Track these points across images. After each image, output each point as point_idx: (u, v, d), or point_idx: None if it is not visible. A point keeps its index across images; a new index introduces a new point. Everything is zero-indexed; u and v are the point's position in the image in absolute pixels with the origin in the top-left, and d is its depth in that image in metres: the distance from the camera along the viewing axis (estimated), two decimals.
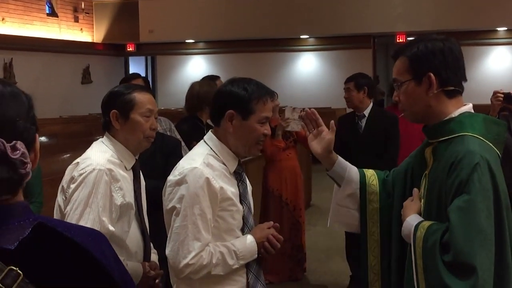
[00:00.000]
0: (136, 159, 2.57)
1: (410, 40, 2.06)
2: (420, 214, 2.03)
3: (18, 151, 1.03)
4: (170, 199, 2.23)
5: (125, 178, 2.47)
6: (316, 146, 2.20)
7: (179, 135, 4.15)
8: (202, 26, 15.51)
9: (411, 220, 1.99)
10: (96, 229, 2.25)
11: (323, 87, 16.19)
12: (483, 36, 14.48)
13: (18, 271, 0.94)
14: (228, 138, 2.30)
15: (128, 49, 17.35)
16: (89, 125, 12.42)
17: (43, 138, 9.97)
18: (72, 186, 2.37)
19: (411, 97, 1.98)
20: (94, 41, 16.74)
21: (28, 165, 1.05)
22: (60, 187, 2.48)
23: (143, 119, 2.49)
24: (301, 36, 16.11)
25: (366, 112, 4.93)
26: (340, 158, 2.23)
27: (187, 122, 4.42)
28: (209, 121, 4.62)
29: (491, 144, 1.89)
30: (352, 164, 2.27)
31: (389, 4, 14.30)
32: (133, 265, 2.43)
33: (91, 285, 1.06)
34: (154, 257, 2.65)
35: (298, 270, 5.45)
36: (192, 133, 4.22)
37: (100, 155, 2.43)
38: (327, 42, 16.11)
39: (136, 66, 18.53)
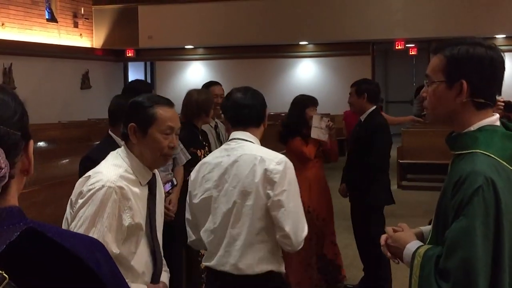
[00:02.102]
0: (153, 173, 2.44)
1: (456, 38, 1.95)
2: (420, 237, 2.04)
3: None
4: (280, 184, 2.58)
5: (137, 195, 2.34)
6: None
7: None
8: (201, 32, 15.55)
9: (411, 247, 1.96)
10: None
11: (322, 93, 16.17)
12: None
13: (4, 274, 0.94)
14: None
15: (127, 55, 17.38)
16: (88, 130, 12.43)
17: (42, 143, 9.98)
18: (80, 201, 2.27)
19: (438, 98, 1.90)
20: (94, 47, 16.78)
21: (2, 170, 1.04)
22: (69, 200, 2.38)
23: (162, 136, 2.35)
24: (300, 42, 16.15)
25: (363, 118, 5.03)
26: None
27: (184, 129, 4.46)
28: (204, 127, 4.68)
29: (505, 163, 1.79)
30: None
31: (388, 10, 14.34)
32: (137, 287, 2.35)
33: None
34: (165, 275, 2.52)
35: (319, 278, 5.36)
36: (190, 139, 4.28)
37: (113, 169, 2.32)
38: (326, 49, 16.14)
39: (135, 72, 18.57)
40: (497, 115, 1.92)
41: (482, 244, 1.72)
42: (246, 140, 2.70)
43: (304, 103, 5.16)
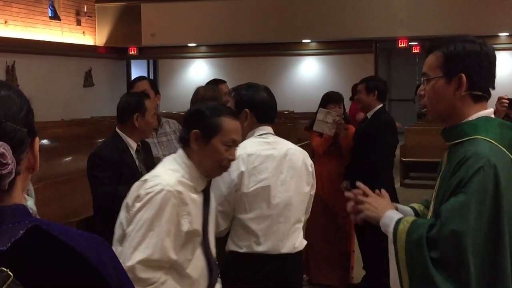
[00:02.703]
0: (208, 181, 2.42)
1: (448, 37, 2.02)
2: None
3: None
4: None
5: (195, 201, 2.31)
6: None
7: None
8: (204, 30, 15.54)
9: (393, 214, 2.02)
10: (157, 255, 2.13)
11: (325, 91, 16.10)
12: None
13: (9, 272, 0.94)
14: None
15: (130, 53, 17.37)
16: (91, 128, 12.43)
17: (45, 141, 9.99)
18: (137, 205, 2.22)
19: (438, 94, 1.95)
20: (96, 44, 16.78)
21: (8, 166, 1.03)
22: (124, 203, 2.35)
23: (223, 148, 2.32)
24: (303, 40, 16.13)
25: (369, 115, 5.03)
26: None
27: None
28: None
29: (504, 149, 1.85)
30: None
31: (391, 9, 14.31)
32: None
33: None
34: (217, 287, 2.49)
35: (345, 278, 5.38)
36: None
37: (170, 174, 2.28)
38: (329, 47, 16.12)
39: (138, 70, 18.55)
40: (492, 109, 1.99)
41: (475, 220, 1.77)
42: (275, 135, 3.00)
43: (326, 101, 5.28)
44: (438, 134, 2.12)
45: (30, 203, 2.92)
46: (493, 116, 1.97)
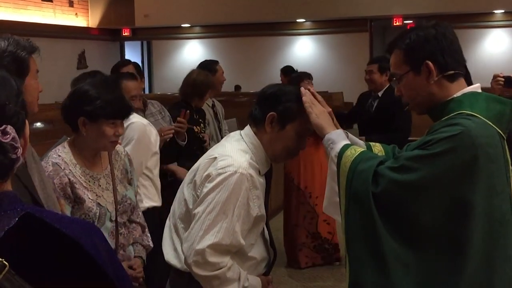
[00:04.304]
0: (271, 164, 2.31)
1: (401, 31, 2.04)
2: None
3: (8, 136, 1.00)
4: None
5: (263, 185, 2.24)
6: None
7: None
8: (198, 10, 15.43)
9: (343, 136, 2.04)
10: (228, 240, 2.08)
11: (320, 71, 16.11)
12: (480, 19, 14.42)
13: (4, 262, 0.92)
14: None
15: (123, 34, 17.26)
16: None
17: (39, 124, 9.95)
18: (209, 185, 2.12)
19: (413, 88, 1.96)
20: (90, 26, 16.66)
21: (19, 150, 1.02)
22: (189, 179, 2.26)
23: (297, 136, 2.22)
24: (298, 20, 16.05)
25: (380, 93, 5.04)
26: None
27: (179, 107, 4.47)
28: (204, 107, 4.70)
29: (490, 123, 1.84)
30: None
31: None
32: (252, 280, 2.25)
33: (81, 277, 1.04)
34: None
35: (316, 257, 5.42)
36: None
37: (242, 155, 2.18)
38: (324, 26, 16.05)
39: (132, 51, 18.45)
40: (479, 84, 1.99)
41: (421, 177, 1.77)
42: None
43: (297, 79, 5.29)
44: None
45: (130, 192, 2.76)
46: (479, 90, 1.96)
